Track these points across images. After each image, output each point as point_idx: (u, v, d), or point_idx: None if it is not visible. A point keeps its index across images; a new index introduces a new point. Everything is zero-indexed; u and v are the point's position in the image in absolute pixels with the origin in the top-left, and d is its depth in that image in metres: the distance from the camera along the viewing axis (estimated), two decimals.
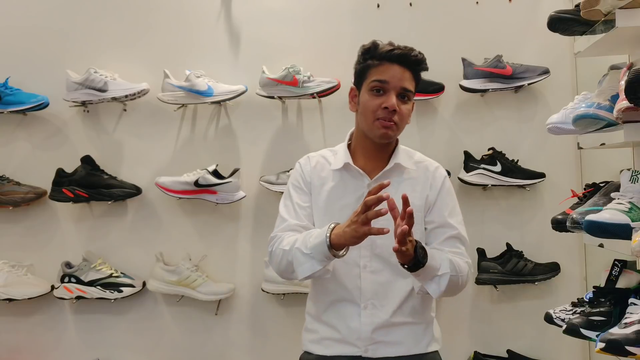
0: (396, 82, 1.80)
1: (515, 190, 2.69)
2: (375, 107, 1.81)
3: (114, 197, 2.66)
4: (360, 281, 1.84)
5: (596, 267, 2.57)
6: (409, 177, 1.89)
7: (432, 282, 1.75)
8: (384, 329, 1.82)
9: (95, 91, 2.66)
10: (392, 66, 1.81)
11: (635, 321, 1.64)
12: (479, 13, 2.74)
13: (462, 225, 1.91)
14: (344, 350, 1.84)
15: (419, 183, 1.89)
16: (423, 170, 1.92)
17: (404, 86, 1.81)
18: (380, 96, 1.81)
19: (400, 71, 1.81)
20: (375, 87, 1.82)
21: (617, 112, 1.70)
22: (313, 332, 1.92)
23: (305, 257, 1.72)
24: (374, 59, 1.83)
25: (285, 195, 1.96)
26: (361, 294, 1.84)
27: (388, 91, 1.80)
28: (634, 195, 1.75)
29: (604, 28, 1.88)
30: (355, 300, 1.84)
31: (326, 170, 1.93)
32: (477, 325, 2.69)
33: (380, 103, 1.80)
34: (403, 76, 1.81)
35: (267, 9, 2.79)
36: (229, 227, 2.76)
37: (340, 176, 1.90)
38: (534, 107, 2.72)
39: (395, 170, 1.88)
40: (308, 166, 1.96)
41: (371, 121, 1.83)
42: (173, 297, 2.70)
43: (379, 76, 1.81)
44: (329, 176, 1.92)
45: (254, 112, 2.76)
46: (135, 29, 2.80)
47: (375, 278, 1.84)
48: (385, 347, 1.82)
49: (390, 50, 1.82)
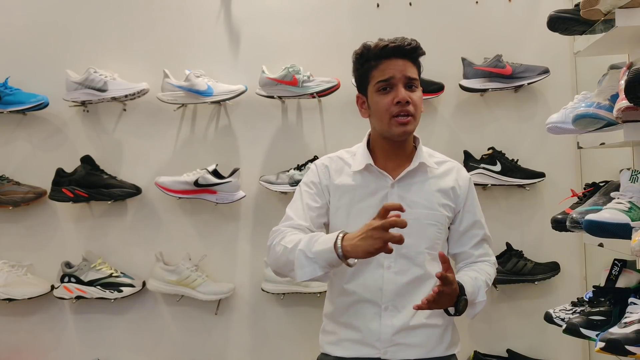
0: (400, 75, 1.81)
1: (515, 189, 2.69)
2: (388, 105, 1.81)
3: (114, 197, 2.66)
4: (382, 282, 1.83)
5: (596, 267, 2.57)
6: (433, 176, 1.90)
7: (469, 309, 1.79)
8: (404, 331, 1.82)
9: (95, 91, 2.66)
10: (391, 61, 1.81)
11: (635, 321, 1.64)
12: (478, 12, 2.74)
13: (484, 222, 1.99)
14: (362, 352, 1.83)
15: (444, 182, 1.90)
16: (447, 170, 1.93)
17: (408, 75, 1.82)
18: (389, 93, 1.81)
19: (400, 63, 1.81)
20: (381, 87, 1.82)
21: (616, 111, 1.70)
22: (331, 334, 1.90)
23: (308, 261, 1.66)
24: (371, 60, 1.84)
25: (296, 195, 1.94)
26: (382, 295, 1.83)
27: (395, 86, 1.80)
28: (634, 194, 1.75)
29: (603, 27, 1.88)
30: (376, 301, 1.83)
31: (346, 172, 1.92)
32: (477, 324, 2.69)
33: (392, 99, 1.80)
34: (404, 67, 1.82)
35: (266, 8, 2.79)
36: (229, 226, 2.76)
37: (362, 177, 1.89)
38: (534, 106, 2.72)
39: (419, 169, 1.88)
40: (326, 169, 1.94)
41: (387, 120, 1.82)
42: (173, 297, 2.70)
43: (381, 76, 1.82)
44: (350, 178, 1.90)
45: (254, 111, 2.76)
46: (135, 29, 2.80)
47: (398, 279, 1.83)
48: (404, 350, 1.82)
49: (384, 47, 1.82)
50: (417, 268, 1.83)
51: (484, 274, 1.87)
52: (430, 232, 1.85)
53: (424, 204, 1.85)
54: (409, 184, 1.87)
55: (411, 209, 1.82)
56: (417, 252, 1.83)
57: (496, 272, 1.97)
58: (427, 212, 1.85)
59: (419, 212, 1.84)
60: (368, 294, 1.84)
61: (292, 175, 2.61)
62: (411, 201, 1.84)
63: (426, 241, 1.84)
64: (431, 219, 1.85)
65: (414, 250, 1.83)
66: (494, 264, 1.97)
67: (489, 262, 1.95)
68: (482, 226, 1.95)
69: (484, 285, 1.83)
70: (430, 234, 1.85)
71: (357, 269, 1.84)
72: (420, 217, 1.84)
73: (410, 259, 1.83)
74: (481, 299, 1.80)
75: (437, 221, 1.86)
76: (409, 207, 1.81)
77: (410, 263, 1.83)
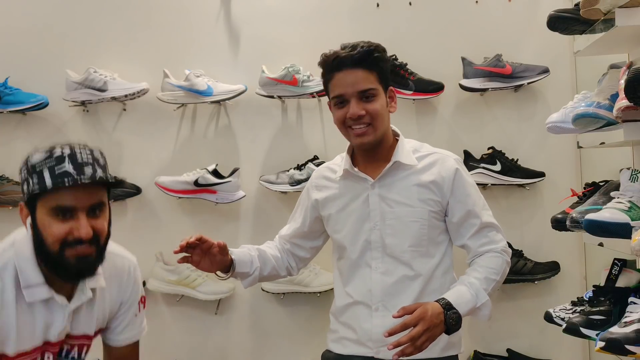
0: (351, 90, 1.80)
1: (515, 189, 2.69)
2: (342, 119, 1.83)
3: (114, 197, 2.66)
4: (371, 283, 1.85)
5: (596, 266, 2.57)
6: (413, 171, 1.87)
7: (475, 314, 1.76)
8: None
9: (94, 91, 2.66)
10: (341, 74, 1.81)
11: (635, 320, 1.64)
12: (478, 12, 2.74)
13: (487, 210, 1.89)
14: (358, 350, 1.88)
15: (425, 177, 1.86)
16: (430, 164, 1.89)
17: (360, 89, 1.80)
18: (344, 107, 1.83)
19: (351, 76, 1.80)
20: (336, 102, 1.84)
21: (616, 111, 1.70)
22: (334, 332, 1.97)
23: None
24: (326, 74, 1.86)
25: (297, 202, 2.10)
26: (372, 296, 1.85)
27: (348, 100, 1.81)
28: (634, 194, 1.75)
29: (603, 27, 1.88)
30: (367, 303, 1.86)
31: (333, 181, 1.97)
32: (477, 324, 2.68)
33: (345, 114, 1.82)
34: (356, 80, 1.80)
35: (266, 8, 2.79)
36: (229, 226, 2.75)
37: (345, 183, 1.93)
38: (534, 106, 2.72)
39: (399, 167, 1.88)
40: (313, 185, 2.03)
41: (345, 132, 1.86)
42: (173, 297, 2.70)
43: (334, 91, 1.84)
44: (336, 185, 1.95)
45: (254, 111, 2.76)
46: (135, 29, 2.80)
47: (385, 279, 1.84)
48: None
49: (334, 60, 1.81)
50: (403, 267, 1.84)
51: (484, 271, 1.80)
52: (413, 229, 1.84)
53: (404, 202, 1.85)
54: (390, 183, 1.87)
55: (392, 208, 1.85)
56: (402, 250, 1.84)
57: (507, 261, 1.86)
58: (407, 210, 1.84)
59: (400, 210, 1.84)
60: (360, 295, 1.88)
61: (292, 175, 2.61)
62: (392, 200, 1.86)
63: (410, 239, 1.84)
64: (412, 216, 1.84)
65: (399, 249, 1.84)
66: (502, 252, 1.85)
67: (494, 252, 1.85)
68: (477, 215, 1.85)
69: (482, 285, 1.76)
70: (414, 231, 1.84)
71: (351, 271, 1.89)
72: (402, 215, 1.84)
73: (396, 258, 1.84)
74: (482, 300, 1.74)
75: (419, 217, 1.84)
76: (389, 207, 1.85)
77: (397, 262, 1.84)
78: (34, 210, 1.54)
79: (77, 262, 1.50)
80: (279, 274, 2.04)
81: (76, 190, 1.50)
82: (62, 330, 1.58)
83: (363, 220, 1.88)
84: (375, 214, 1.86)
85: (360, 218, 1.88)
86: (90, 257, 1.52)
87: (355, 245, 1.88)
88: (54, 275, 1.54)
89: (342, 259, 1.95)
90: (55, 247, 1.49)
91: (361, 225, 1.88)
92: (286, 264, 2.04)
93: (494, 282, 1.80)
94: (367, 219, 1.87)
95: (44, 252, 1.51)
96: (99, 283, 1.64)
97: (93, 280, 1.61)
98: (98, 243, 1.54)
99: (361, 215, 1.88)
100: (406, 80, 2.62)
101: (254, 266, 1.94)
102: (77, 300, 1.59)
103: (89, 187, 1.52)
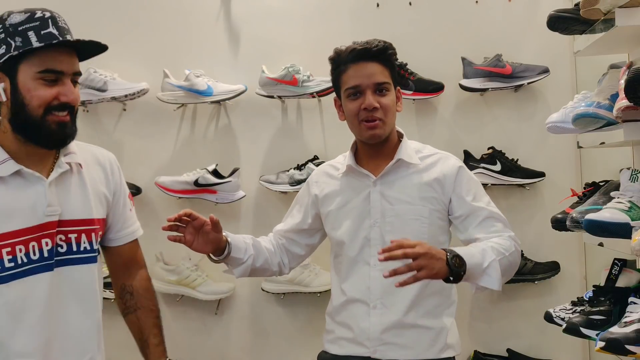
0: (367, 81, 1.82)
1: (515, 189, 2.69)
2: (356, 110, 1.83)
3: None
4: (369, 280, 1.85)
5: (596, 266, 2.57)
6: (415, 170, 1.88)
7: (483, 277, 1.67)
8: (393, 330, 1.82)
9: (94, 91, 2.66)
10: (359, 66, 1.83)
11: (635, 320, 1.64)
12: (478, 12, 2.74)
13: (492, 206, 1.87)
14: (355, 350, 1.86)
15: (427, 176, 1.88)
16: (433, 163, 1.90)
17: (376, 81, 1.82)
18: (358, 99, 1.83)
19: (368, 68, 1.82)
20: (351, 93, 1.84)
21: (616, 111, 1.70)
22: (330, 332, 1.95)
23: None
24: (341, 66, 1.86)
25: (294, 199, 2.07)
26: (370, 294, 1.84)
27: (363, 92, 1.82)
28: (634, 194, 1.75)
29: (603, 27, 1.88)
30: (365, 300, 1.85)
31: (334, 178, 1.97)
32: (477, 324, 2.69)
33: (359, 105, 1.82)
34: (372, 72, 1.82)
35: (266, 8, 2.79)
36: (229, 226, 2.73)
37: (347, 180, 1.93)
38: (534, 106, 2.72)
39: (401, 165, 1.88)
40: (314, 181, 2.02)
41: (357, 125, 1.85)
42: (173, 297, 2.70)
43: (350, 82, 1.84)
44: (337, 182, 1.95)
45: (254, 111, 2.76)
46: (135, 29, 2.80)
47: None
48: (394, 349, 1.82)
49: (350, 52, 1.83)
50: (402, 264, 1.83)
51: (491, 244, 1.73)
52: (413, 227, 1.84)
53: (405, 200, 1.85)
54: (391, 181, 1.88)
55: (393, 205, 1.85)
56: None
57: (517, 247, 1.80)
58: (408, 207, 1.85)
59: (400, 207, 1.85)
60: (358, 293, 1.87)
61: (292, 175, 2.61)
62: (393, 198, 1.86)
63: (409, 236, 1.80)
64: (413, 214, 1.85)
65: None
66: (510, 238, 1.80)
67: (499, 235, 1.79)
68: (482, 207, 1.84)
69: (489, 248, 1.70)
70: (414, 229, 1.84)
71: (349, 269, 1.88)
72: (402, 213, 1.85)
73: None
74: (489, 259, 1.66)
75: (419, 215, 1.85)
76: (390, 204, 1.86)
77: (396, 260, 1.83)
78: (14, 74, 1.49)
79: (58, 128, 1.52)
80: (271, 269, 2.00)
81: (62, 54, 1.50)
82: (47, 206, 1.53)
83: (363, 217, 1.88)
84: (376, 211, 1.86)
85: (360, 215, 1.88)
86: (69, 124, 1.55)
87: (354, 242, 1.88)
88: (32, 143, 1.52)
89: (339, 256, 1.94)
90: (39, 112, 1.49)
91: (361, 222, 1.88)
92: (279, 259, 2.01)
93: (502, 256, 1.71)
94: (368, 216, 1.87)
95: (24, 118, 1.49)
96: (74, 159, 1.64)
97: (68, 156, 1.62)
98: (73, 112, 1.57)
99: (361, 212, 1.88)
100: (406, 80, 2.62)
101: (247, 253, 1.89)
102: (54, 173, 1.57)
103: (72, 54, 1.54)
